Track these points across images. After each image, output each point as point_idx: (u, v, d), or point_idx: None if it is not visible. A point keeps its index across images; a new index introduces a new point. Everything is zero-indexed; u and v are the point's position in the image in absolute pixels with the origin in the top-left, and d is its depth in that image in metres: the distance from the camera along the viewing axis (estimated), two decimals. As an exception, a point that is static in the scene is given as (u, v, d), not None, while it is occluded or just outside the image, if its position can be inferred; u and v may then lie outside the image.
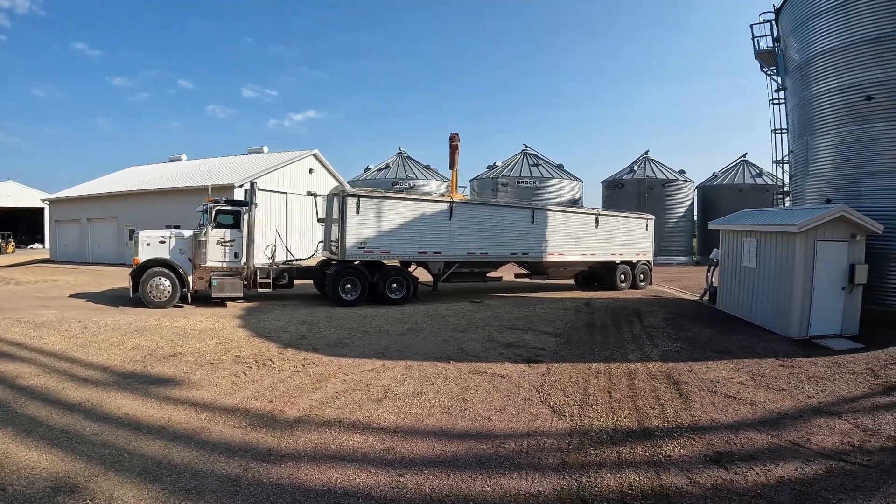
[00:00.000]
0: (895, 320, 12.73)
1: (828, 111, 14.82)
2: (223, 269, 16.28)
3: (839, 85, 14.34)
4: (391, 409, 7.38)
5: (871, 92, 13.45)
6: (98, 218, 32.28)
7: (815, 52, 15.11)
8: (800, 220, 12.45)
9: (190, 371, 9.03)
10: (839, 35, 14.24)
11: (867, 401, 8.01)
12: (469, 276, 19.99)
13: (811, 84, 15.37)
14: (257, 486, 5.11)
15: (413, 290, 18.03)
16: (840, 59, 14.23)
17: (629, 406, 7.73)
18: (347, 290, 16.91)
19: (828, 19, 14.59)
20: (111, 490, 4.92)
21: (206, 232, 16.00)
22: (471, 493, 5.08)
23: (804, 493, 5.14)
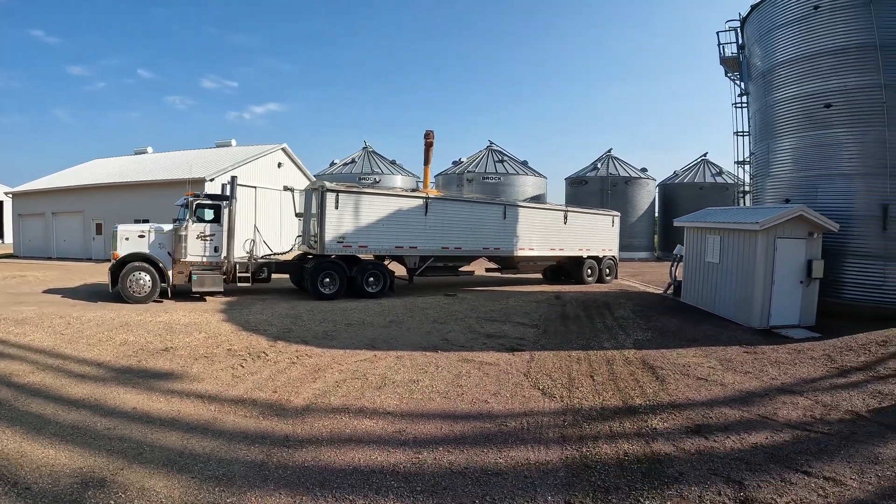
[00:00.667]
0: (849, 312, 13.91)
1: (789, 117, 15.98)
2: (203, 263, 16.38)
3: (800, 92, 15.49)
4: (392, 396, 7.85)
5: (830, 100, 14.63)
6: (64, 212, 31.50)
7: (778, 60, 16.26)
8: (761, 218, 13.48)
9: (186, 365, 9.23)
10: (801, 46, 15.40)
11: (825, 382, 8.98)
12: (443, 270, 20.61)
13: (773, 91, 16.51)
14: (285, 469, 5.47)
15: (389, 284, 18.56)
16: (802, 69, 15.38)
17: (612, 388, 8.45)
18: (326, 283, 17.26)
19: (791, 30, 15.74)
20: (140, 482, 5.09)
21: (186, 226, 16.07)
22: (486, 464, 5.64)
23: (776, 455, 5.94)
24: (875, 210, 13.77)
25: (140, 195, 28.43)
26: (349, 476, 5.33)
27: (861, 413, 7.40)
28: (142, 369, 8.91)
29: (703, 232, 16.46)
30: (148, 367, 9.08)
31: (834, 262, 14.10)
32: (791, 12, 15.75)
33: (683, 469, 5.55)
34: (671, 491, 5.06)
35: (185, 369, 8.97)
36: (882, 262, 13.78)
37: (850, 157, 14.43)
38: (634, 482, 5.23)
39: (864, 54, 14.04)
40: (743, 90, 19.61)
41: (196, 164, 29.81)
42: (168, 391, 7.86)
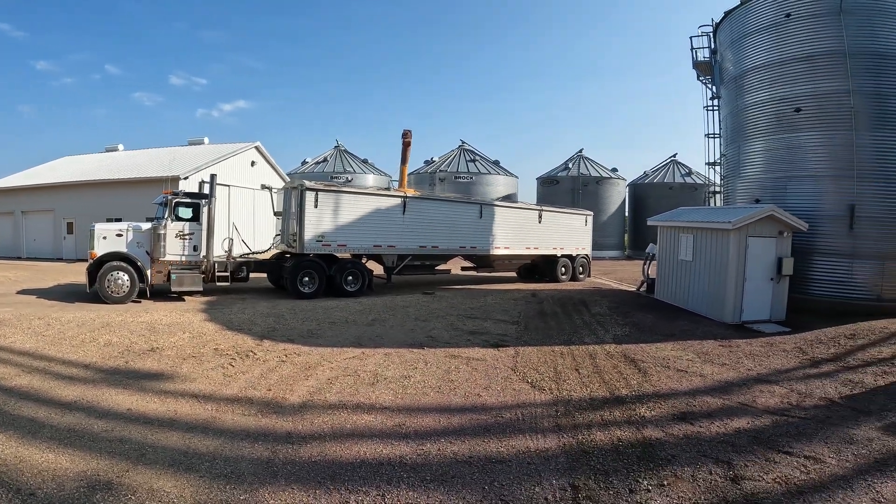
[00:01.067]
0: (817, 308, 14.59)
1: (760, 120, 16.67)
2: (182, 262, 16.32)
3: (771, 97, 16.17)
4: (387, 392, 8.02)
5: (800, 104, 15.34)
6: (33, 210, 30.71)
7: (749, 66, 16.94)
8: (734, 218, 14.07)
9: (175, 365, 9.22)
10: (773, 52, 16.09)
11: (799, 372, 9.50)
12: (420, 269, 20.85)
13: (745, 95, 17.18)
14: (293, 465, 5.57)
15: (368, 283, 18.74)
16: (773, 74, 16.07)
17: (598, 380, 8.80)
18: (305, 282, 17.37)
19: (763, 37, 16.43)
20: (148, 483, 5.11)
21: (165, 225, 15.99)
22: (489, 453, 5.89)
23: (758, 438, 6.35)
24: (842, 210, 14.47)
25: (113, 193, 27.96)
26: (358, 469, 5.48)
27: (834, 400, 7.90)
28: (130, 370, 8.88)
29: (676, 231, 17.02)
30: (136, 367, 9.05)
31: (803, 260, 14.78)
32: (764, 19, 16.44)
33: (675, 452, 5.90)
34: (665, 472, 5.40)
35: (174, 369, 8.96)
36: (849, 260, 14.50)
37: (819, 160, 15.13)
38: (631, 465, 5.55)
39: (833, 61, 14.77)
40: (715, 94, 20.28)
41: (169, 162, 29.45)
42: (161, 391, 7.87)
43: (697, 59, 20.41)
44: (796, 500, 4.86)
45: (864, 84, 14.47)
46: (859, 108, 14.41)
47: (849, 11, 14.64)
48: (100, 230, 15.71)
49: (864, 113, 14.41)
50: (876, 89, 14.41)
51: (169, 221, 16.04)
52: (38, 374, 8.50)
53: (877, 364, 9.86)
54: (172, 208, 16.16)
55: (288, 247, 18.62)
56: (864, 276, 14.42)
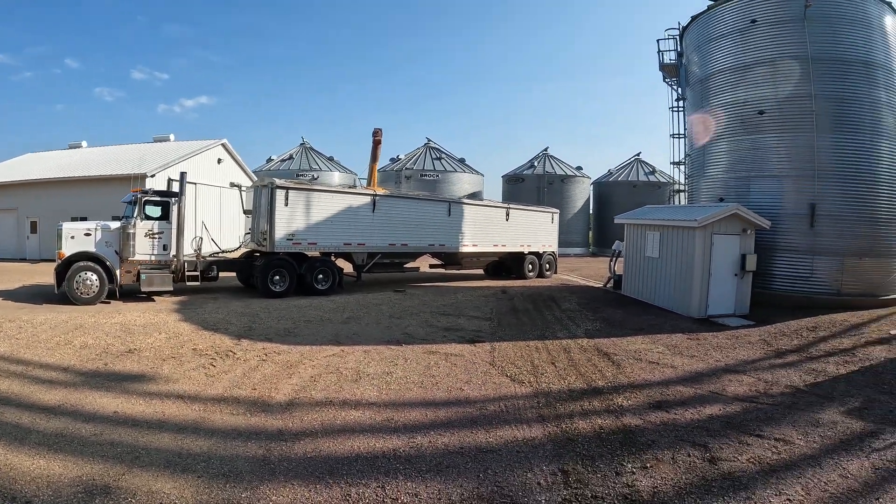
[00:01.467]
0: (779, 302, 15.31)
1: (724, 121, 17.37)
2: (152, 262, 16.16)
3: (735, 99, 16.88)
4: (371, 388, 8.12)
5: (763, 107, 16.05)
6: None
7: (715, 69, 17.62)
8: (699, 216, 14.64)
9: (155, 366, 9.13)
10: (738, 56, 16.83)
11: (764, 362, 10.00)
12: (390, 267, 21.03)
13: (710, 97, 17.86)
14: (289, 461, 5.64)
15: (338, 281, 18.81)
16: (737, 77, 16.80)
17: (574, 373, 9.09)
18: (276, 281, 17.40)
19: (728, 42, 17.14)
20: (146, 485, 5.11)
21: (134, 223, 15.79)
22: (478, 443, 6.08)
23: (730, 423, 6.72)
24: (803, 209, 15.21)
25: (78, 192, 27.13)
26: (354, 463, 5.60)
27: (799, 387, 8.37)
28: (110, 372, 8.78)
29: (642, 228, 17.54)
30: (116, 369, 8.94)
31: (766, 257, 15.47)
32: (730, 24, 17.15)
33: (654, 437, 6.20)
34: (647, 455, 5.68)
35: (155, 371, 8.88)
36: (810, 256, 15.24)
37: (781, 160, 15.85)
38: (614, 450, 5.83)
39: (796, 66, 15.57)
40: (680, 95, 20.94)
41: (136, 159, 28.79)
42: (145, 393, 7.82)
43: (664, 61, 21.06)
44: (770, 478, 5.19)
45: (826, 88, 15.29)
46: (820, 111, 15.19)
47: (812, 19, 15.43)
48: (68, 229, 15.47)
49: (824, 116, 15.21)
50: (836, 93, 15.25)
51: (138, 220, 15.86)
52: (16, 379, 8.34)
53: (838, 354, 10.45)
54: (142, 207, 15.98)
55: (258, 245, 18.59)
56: (825, 271, 15.19)
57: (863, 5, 15.80)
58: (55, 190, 28.25)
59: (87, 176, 27.88)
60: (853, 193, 15.02)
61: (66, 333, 11.18)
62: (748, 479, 5.16)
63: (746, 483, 5.08)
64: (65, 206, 26.18)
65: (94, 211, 23.00)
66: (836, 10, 15.65)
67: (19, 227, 29.22)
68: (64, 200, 27.05)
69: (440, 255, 22.82)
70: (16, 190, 29.45)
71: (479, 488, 4.93)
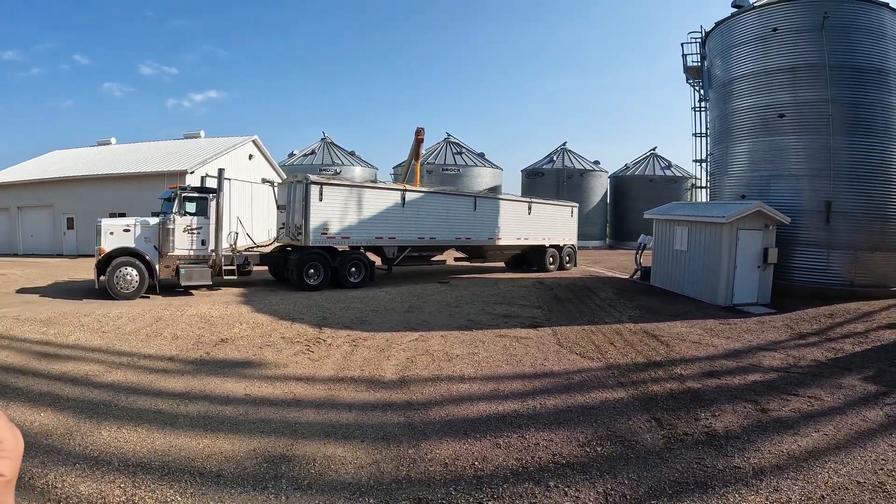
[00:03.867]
0: (798, 292, 17.30)
1: (746, 123, 19.25)
2: (190, 257, 16.94)
3: (757, 103, 18.75)
4: (465, 366, 9.79)
5: (783, 111, 17.96)
6: (31, 206, 31.04)
7: (737, 74, 19.49)
8: (727, 213, 16.56)
9: (256, 353, 10.21)
10: (759, 62, 18.69)
11: (790, 343, 11.99)
12: (418, 260, 22.47)
13: (733, 100, 19.73)
14: (432, 425, 6.88)
15: (370, 274, 19.96)
16: (759, 82, 18.66)
17: (632, 350, 11.05)
18: (311, 275, 18.44)
19: (750, 48, 19.00)
20: (319, 451, 6.00)
21: (173, 219, 16.56)
22: (579, 403, 7.95)
23: (771, 386, 8.70)
24: (820, 206, 17.15)
25: (115, 188, 28.71)
26: (487, 422, 7.22)
27: (822, 361, 10.37)
28: (215, 360, 9.77)
29: (671, 224, 19.49)
30: (219, 357, 9.97)
31: (785, 250, 17.38)
32: (752, 32, 19.00)
33: (714, 396, 8.17)
34: (713, 408, 7.64)
35: (258, 357, 9.96)
36: (826, 250, 17.21)
37: (799, 161, 17.77)
38: (687, 405, 7.79)
39: (814, 73, 17.45)
40: (702, 96, 22.82)
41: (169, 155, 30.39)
42: (264, 377, 8.80)
43: (687, 64, 22.91)
44: (809, 422, 7.16)
45: (841, 94, 17.16)
46: (836, 115, 17.08)
47: (830, 28, 17.24)
48: (107, 225, 16.19)
49: (840, 120, 17.10)
50: (851, 99, 17.13)
51: (177, 216, 16.64)
52: (127, 369, 9.09)
53: (853, 336, 12.45)
54: (181, 203, 16.77)
55: (292, 240, 19.52)
56: (839, 264, 17.16)
57: (878, 15, 17.61)
58: (91, 186, 29.80)
59: (127, 172, 29.39)
60: (866, 192, 16.95)
61: (150, 326, 12.16)
62: (793, 422, 7.13)
63: (792, 424, 7.05)
64: (102, 202, 27.71)
65: (133, 207, 24.42)
66: (852, 20, 17.47)
67: (55, 223, 30.73)
68: (101, 197, 28.60)
69: (466, 248, 24.26)
70: (52, 186, 30.89)
71: (597, 432, 6.81)
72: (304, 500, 5.10)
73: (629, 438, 6.49)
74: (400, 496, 5.16)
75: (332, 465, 5.78)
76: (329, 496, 5.16)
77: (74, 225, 29.82)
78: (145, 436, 6.44)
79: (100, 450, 6.06)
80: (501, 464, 5.81)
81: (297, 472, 5.62)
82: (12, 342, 10.66)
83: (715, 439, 6.47)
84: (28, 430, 6.46)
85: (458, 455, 6.04)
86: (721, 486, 5.28)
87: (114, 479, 5.39)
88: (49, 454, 5.89)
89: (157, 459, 5.84)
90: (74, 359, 9.65)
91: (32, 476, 5.35)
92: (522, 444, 6.39)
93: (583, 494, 5.07)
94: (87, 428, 6.64)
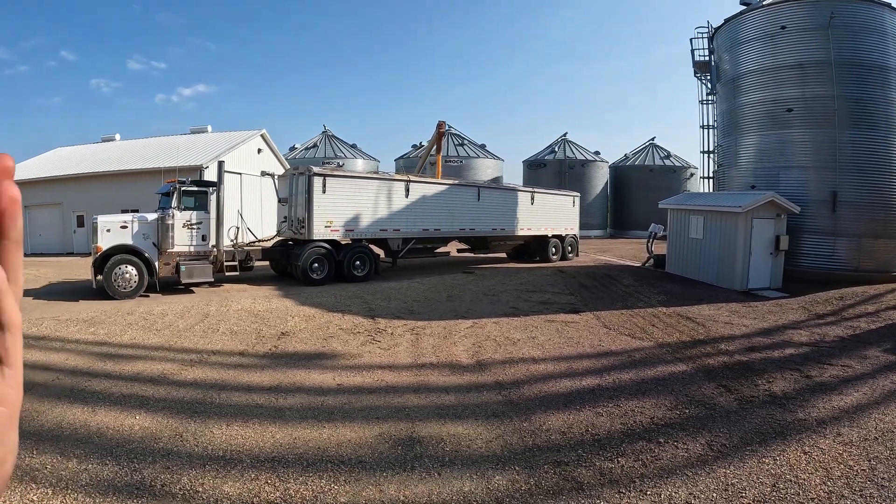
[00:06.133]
0: (806, 277, 19.09)
1: (755, 117, 20.93)
2: (191, 253, 16.78)
3: (765, 98, 20.41)
4: (530, 348, 11.01)
5: (791, 105, 19.60)
6: (39, 204, 30.73)
7: (746, 69, 21.13)
8: (742, 203, 18.21)
9: (324, 345, 10.84)
10: (767, 59, 20.33)
11: (810, 322, 13.68)
12: (422, 252, 22.91)
13: (742, 94, 21.37)
14: (529, 401, 7.88)
15: (375, 267, 20.20)
16: (768, 78, 20.31)
17: (675, 331, 12.59)
18: (315, 269, 18.62)
19: (758, 45, 20.63)
20: (443, 431, 6.76)
21: (172, 215, 16.33)
22: (651, 376, 9.40)
23: (807, 357, 10.33)
24: (826, 196, 18.89)
25: (126, 185, 28.94)
26: (578, 395, 8.47)
27: (844, 337, 12.05)
28: (288, 353, 10.33)
29: (686, 213, 21.14)
30: (290, 350, 10.53)
31: (794, 238, 19.11)
32: (760, 29, 20.64)
33: (762, 367, 9.74)
34: (765, 376, 9.18)
35: (328, 349, 10.57)
36: (832, 238, 18.99)
37: (806, 153, 19.49)
38: (743, 374, 9.33)
39: (821, 69, 19.12)
40: (710, 90, 24.45)
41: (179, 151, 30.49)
42: (347, 367, 9.44)
43: (695, 59, 24.51)
44: (847, 384, 8.76)
45: (846, 90, 18.87)
46: (841, 110, 18.79)
47: (835, 27, 18.88)
48: (103, 222, 15.86)
49: (845, 115, 18.82)
50: (856, 95, 18.86)
51: (176, 211, 16.42)
52: (203, 366, 9.42)
53: (865, 316, 14.18)
54: (179, 197, 16.58)
55: (294, 233, 19.48)
56: (845, 251, 18.95)
57: (880, 15, 19.33)
58: (100, 183, 29.96)
59: (140, 168, 29.63)
60: (870, 183, 18.74)
61: (201, 322, 12.56)
62: (834, 385, 8.73)
63: (834, 387, 8.64)
64: (113, 199, 27.76)
65: (143, 203, 24.47)
66: (856, 19, 19.16)
67: (64, 221, 30.92)
68: (112, 193, 28.76)
69: (469, 239, 25.02)
70: (60, 184, 31.01)
71: (678, 399, 8.27)
72: (457, 474, 5.78)
73: (707, 402, 7.99)
74: (538, 461, 6.07)
75: (462, 443, 6.50)
76: (477, 468, 5.90)
77: (85, 223, 29.95)
78: (261, 431, 6.76)
79: (221, 448, 6.33)
80: (610, 428, 7.15)
81: (434, 451, 6.26)
82: (65, 344, 10.80)
83: (777, 400, 8.01)
84: (128, 433, 6.67)
85: (569, 424, 7.24)
86: (795, 433, 6.81)
87: (255, 475, 5.69)
88: (168, 457, 6.08)
89: (288, 453, 6.22)
90: (141, 358, 9.89)
91: (164, 483, 5.53)
92: (620, 411, 7.75)
93: (690, 446, 6.52)
94: (195, 428, 6.87)
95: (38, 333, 11.45)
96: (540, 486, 5.52)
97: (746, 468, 5.83)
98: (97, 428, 6.81)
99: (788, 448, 6.36)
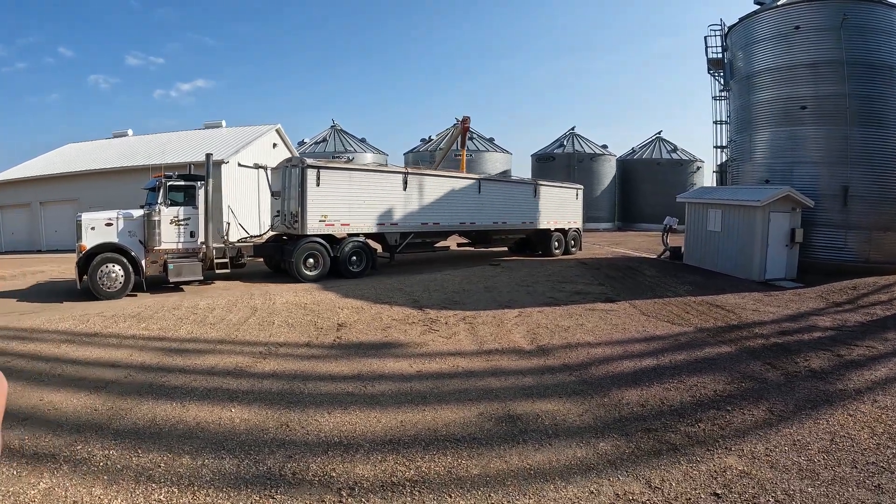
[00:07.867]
0: (819, 268, 20.59)
1: (769, 114, 22.39)
2: (179, 250, 16.58)
3: (779, 95, 21.85)
4: (583, 334, 12.15)
5: (804, 103, 21.07)
6: (53, 201, 31.27)
7: (760, 67, 22.56)
8: (761, 197, 19.68)
9: (385, 335, 11.49)
10: (780, 57, 21.77)
11: (830, 310, 15.17)
12: (421, 247, 22.83)
13: (756, 92, 22.81)
14: (600, 379, 8.81)
15: (372, 263, 20.08)
16: (781, 76, 21.76)
17: (709, 318, 13.97)
18: (309, 265, 18.48)
19: (772, 44, 22.07)
20: (536, 408, 7.47)
21: (158, 211, 16.07)
22: (701, 357, 10.71)
23: (833, 339, 11.80)
24: (838, 191, 20.40)
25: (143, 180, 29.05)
26: (645, 374, 9.57)
27: (863, 322, 13.55)
28: (353, 343, 10.90)
29: (704, 207, 22.60)
30: (352, 340, 11.11)
31: (807, 231, 20.59)
32: (775, 28, 22.08)
33: (797, 348, 11.16)
34: (801, 355, 10.57)
35: (392, 339, 11.21)
36: (843, 231, 20.54)
37: (819, 149, 20.98)
38: (783, 353, 10.72)
39: (833, 69, 20.55)
40: (723, 86, 25.86)
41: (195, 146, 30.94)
42: (417, 355, 10.09)
43: (709, 56, 25.91)
44: (874, 362, 10.20)
45: (857, 88, 20.32)
46: (853, 108, 20.26)
47: (848, 27, 20.29)
48: (87, 220, 15.61)
49: (856, 112, 20.29)
50: (867, 93, 20.33)
51: (162, 207, 16.17)
52: (276, 358, 9.84)
53: (879, 304, 15.71)
54: (166, 193, 16.33)
55: (288, 228, 19.28)
56: (855, 243, 20.50)
57: (891, 16, 20.75)
58: (118, 179, 29.84)
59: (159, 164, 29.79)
60: (879, 178, 20.25)
61: (253, 316, 13.03)
62: (864, 362, 10.18)
63: (864, 363, 10.09)
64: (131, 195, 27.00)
65: None
66: (867, 20, 20.57)
67: None
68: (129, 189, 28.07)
69: (470, 233, 24.98)
70: (75, 180, 31.25)
71: (731, 375, 9.58)
72: (565, 443, 6.52)
73: (758, 377, 9.39)
74: (631, 429, 6.93)
75: (557, 417, 7.25)
76: (580, 437, 6.68)
77: None
78: (364, 417, 7.18)
79: (334, 435, 6.68)
80: (682, 400, 8.39)
81: (536, 426, 6.96)
82: (122, 340, 11.11)
83: (817, 374, 9.44)
84: (230, 426, 6.90)
85: (645, 398, 8.37)
86: (839, 401, 8.23)
87: (382, 457, 6.10)
88: (284, 447, 6.31)
89: (402, 435, 6.68)
90: (208, 352, 10.17)
91: (294, 471, 5.76)
92: (685, 386, 9.00)
93: (755, 411, 7.87)
94: (298, 417, 7.19)
95: (89, 330, 11.83)
96: (640, 448, 6.64)
97: (806, 428, 7.22)
98: (195, 423, 7.04)
99: (836, 412, 7.77)
